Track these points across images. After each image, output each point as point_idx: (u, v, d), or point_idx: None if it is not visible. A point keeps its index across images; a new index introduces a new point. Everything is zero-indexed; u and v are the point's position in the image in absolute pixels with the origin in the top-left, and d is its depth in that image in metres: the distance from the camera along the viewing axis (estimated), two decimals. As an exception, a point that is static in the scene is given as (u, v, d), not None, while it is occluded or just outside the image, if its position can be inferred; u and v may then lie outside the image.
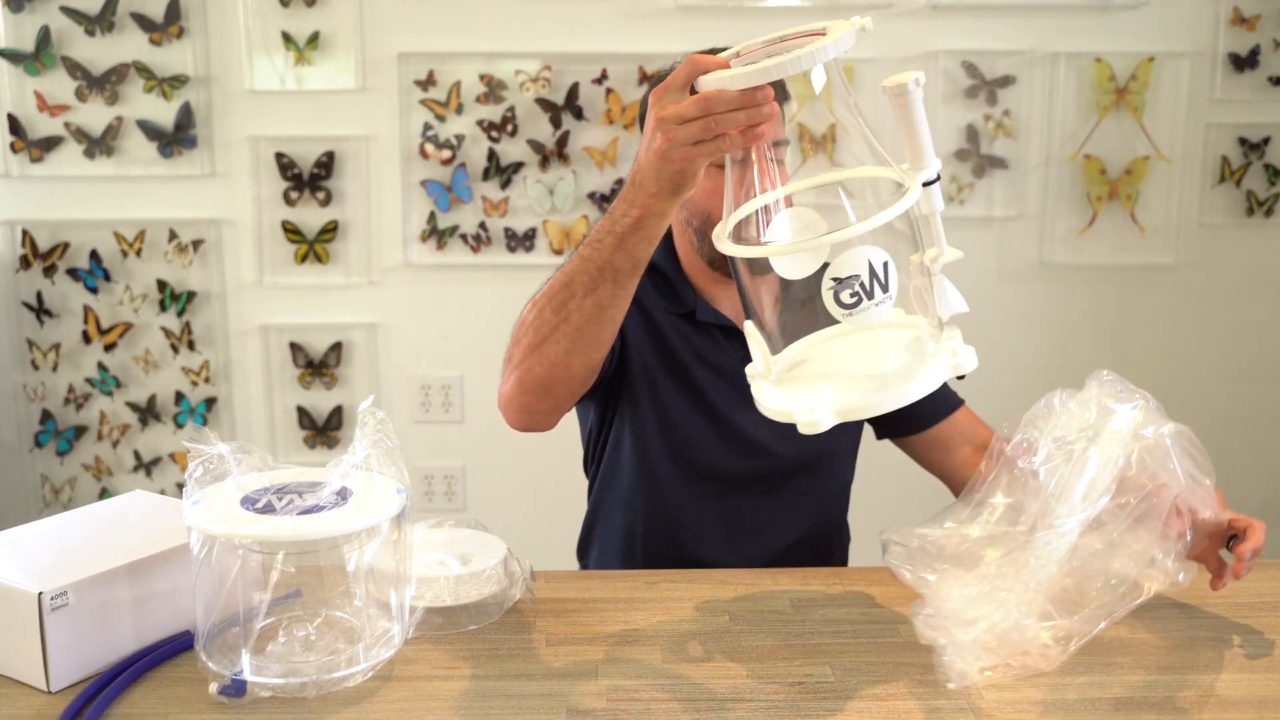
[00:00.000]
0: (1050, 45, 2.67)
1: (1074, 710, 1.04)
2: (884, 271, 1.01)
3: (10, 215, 2.67)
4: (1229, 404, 2.86)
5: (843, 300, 1.01)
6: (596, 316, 1.23)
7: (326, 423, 2.80)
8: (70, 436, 2.77)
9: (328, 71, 2.64)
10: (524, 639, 1.17)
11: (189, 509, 1.04)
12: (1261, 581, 1.31)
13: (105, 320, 2.73)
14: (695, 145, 1.05)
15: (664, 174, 1.09)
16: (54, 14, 2.59)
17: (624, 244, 1.17)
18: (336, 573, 1.11)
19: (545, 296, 1.26)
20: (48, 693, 1.05)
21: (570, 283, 1.22)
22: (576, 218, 2.70)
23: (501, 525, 1.34)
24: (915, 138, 1.03)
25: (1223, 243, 2.79)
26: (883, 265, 1.02)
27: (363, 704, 1.04)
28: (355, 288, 2.74)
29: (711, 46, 1.22)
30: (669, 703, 1.05)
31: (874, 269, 1.01)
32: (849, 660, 1.12)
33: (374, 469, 1.09)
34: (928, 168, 1.04)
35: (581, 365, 1.28)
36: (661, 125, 1.06)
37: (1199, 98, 2.71)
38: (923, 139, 1.03)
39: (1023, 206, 2.74)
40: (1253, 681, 1.09)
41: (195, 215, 2.69)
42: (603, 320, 1.23)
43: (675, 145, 1.06)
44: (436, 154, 2.66)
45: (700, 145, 1.05)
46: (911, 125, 1.03)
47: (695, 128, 1.04)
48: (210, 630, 1.07)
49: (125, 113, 2.64)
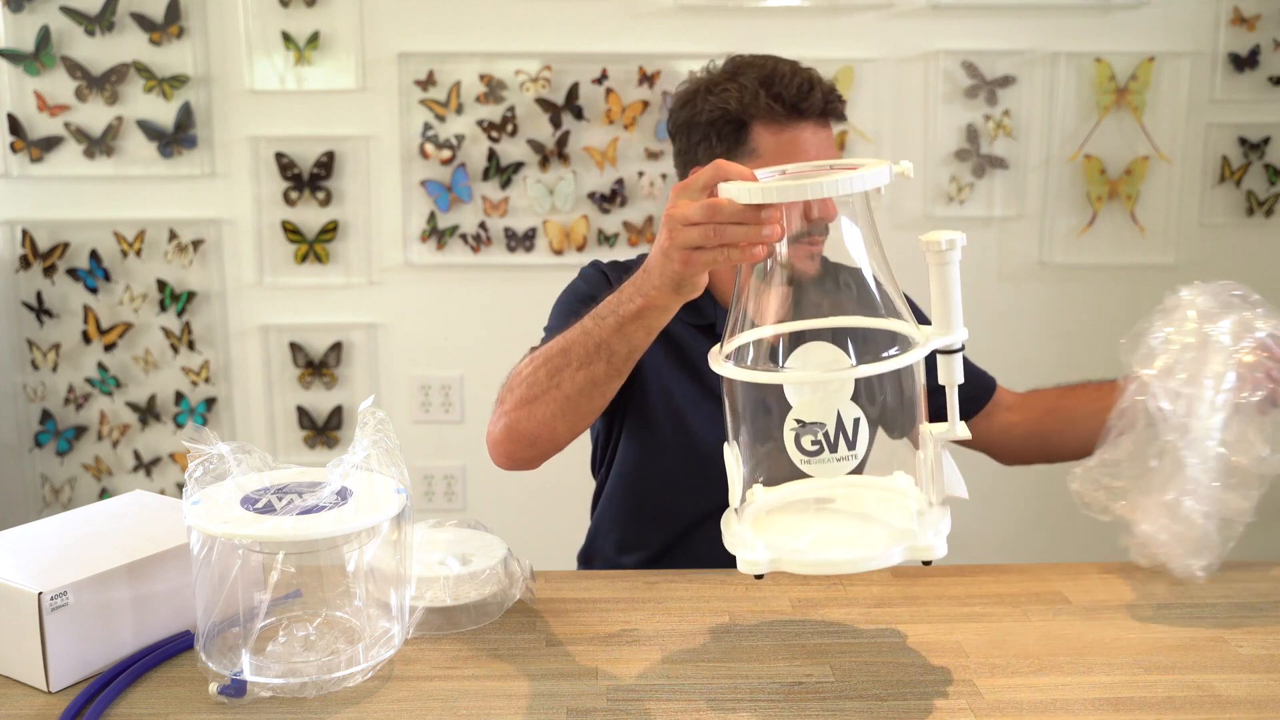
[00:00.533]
0: (1050, 45, 2.67)
1: (1073, 709, 1.04)
2: (853, 428, 0.98)
3: (10, 215, 2.67)
4: (1229, 404, 2.86)
5: (803, 445, 0.99)
6: (587, 390, 1.24)
7: (326, 423, 2.80)
8: (70, 436, 2.77)
9: (328, 71, 2.64)
10: (524, 639, 1.17)
11: (189, 509, 1.04)
12: (1261, 581, 1.31)
13: (105, 320, 2.73)
14: (695, 250, 1.04)
15: (665, 271, 1.09)
16: (54, 14, 2.59)
17: (624, 329, 1.17)
18: (336, 573, 1.11)
19: (543, 356, 1.27)
20: (48, 693, 1.05)
21: (568, 350, 1.23)
22: (576, 218, 2.71)
23: (501, 525, 1.34)
24: (945, 300, 1.00)
25: (1223, 243, 2.79)
26: (853, 421, 0.98)
27: (363, 704, 1.04)
28: (355, 288, 2.74)
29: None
30: (669, 703, 1.05)
31: (842, 422, 0.98)
32: (849, 660, 1.12)
33: (374, 469, 1.09)
34: (952, 334, 1.01)
35: (567, 431, 1.30)
36: (669, 222, 1.05)
37: (1199, 98, 2.71)
38: (952, 303, 1.00)
39: (1023, 206, 2.74)
40: (1252, 681, 1.09)
41: (195, 215, 2.69)
42: (592, 395, 1.24)
43: (676, 246, 1.05)
44: (436, 154, 2.66)
45: (700, 251, 1.04)
46: (943, 286, 1.00)
47: (697, 233, 1.03)
48: (210, 630, 1.07)
49: (125, 113, 2.64)
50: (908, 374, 1.02)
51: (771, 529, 1.08)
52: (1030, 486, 2.55)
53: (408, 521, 1.10)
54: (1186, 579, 1.29)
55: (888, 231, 2.92)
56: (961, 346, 1.02)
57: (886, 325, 1.02)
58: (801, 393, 1.00)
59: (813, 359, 1.01)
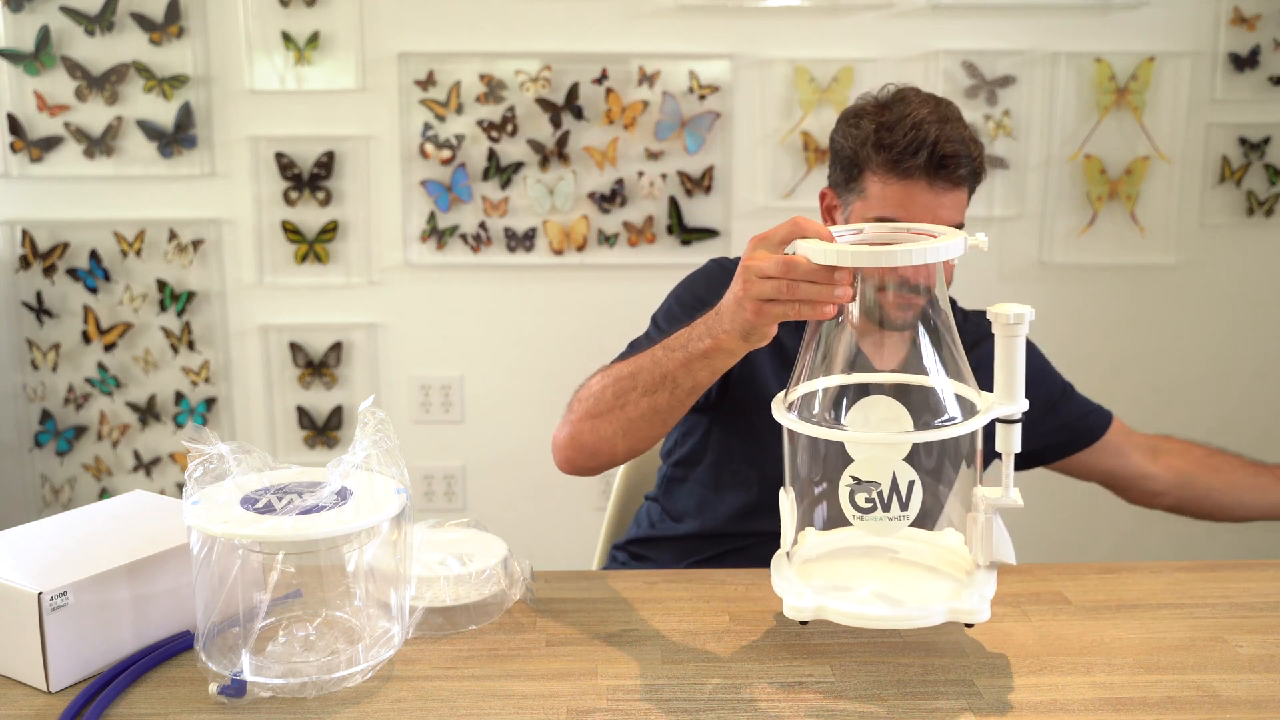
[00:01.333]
0: (1050, 45, 2.67)
1: (1072, 710, 1.04)
2: (907, 489, 1.02)
3: (10, 215, 2.67)
4: (1229, 404, 2.86)
5: (857, 502, 1.02)
6: (649, 416, 1.27)
7: (326, 423, 2.80)
8: (70, 436, 2.77)
9: (328, 71, 2.64)
10: (524, 639, 1.17)
11: (189, 509, 1.04)
12: (1261, 581, 1.31)
13: (105, 320, 2.73)
14: (768, 302, 1.07)
15: (737, 318, 1.11)
16: (54, 14, 2.59)
17: (690, 365, 1.21)
18: (336, 573, 1.11)
19: (613, 377, 1.30)
20: (48, 693, 1.05)
21: (636, 375, 1.27)
22: (576, 218, 2.71)
23: (501, 525, 1.34)
24: (1009, 370, 1.03)
25: (1223, 243, 2.79)
26: (908, 483, 1.02)
27: (363, 704, 1.04)
28: (355, 288, 2.74)
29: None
30: (669, 703, 1.05)
31: (897, 483, 1.02)
32: (849, 660, 1.12)
33: (374, 469, 1.09)
34: (1013, 404, 1.04)
35: (626, 450, 1.34)
36: (744, 273, 1.08)
37: (1199, 98, 2.71)
38: (1016, 374, 1.03)
39: (1023, 206, 2.74)
40: (1252, 681, 1.09)
41: (195, 215, 2.69)
42: (653, 421, 1.28)
43: (750, 296, 1.08)
44: (436, 154, 2.66)
45: (772, 304, 1.07)
46: (1008, 357, 1.03)
47: (770, 286, 1.05)
48: (210, 630, 1.07)
49: (125, 112, 2.64)
50: (966, 437, 1.06)
51: (819, 575, 1.12)
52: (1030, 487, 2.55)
53: (408, 521, 1.10)
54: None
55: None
56: (1021, 417, 1.05)
57: (951, 387, 1.06)
58: (859, 449, 1.03)
59: (874, 414, 1.04)
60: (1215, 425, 2.87)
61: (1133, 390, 2.81)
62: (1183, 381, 2.84)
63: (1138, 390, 2.81)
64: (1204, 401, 2.85)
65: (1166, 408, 2.84)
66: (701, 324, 1.19)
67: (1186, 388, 2.84)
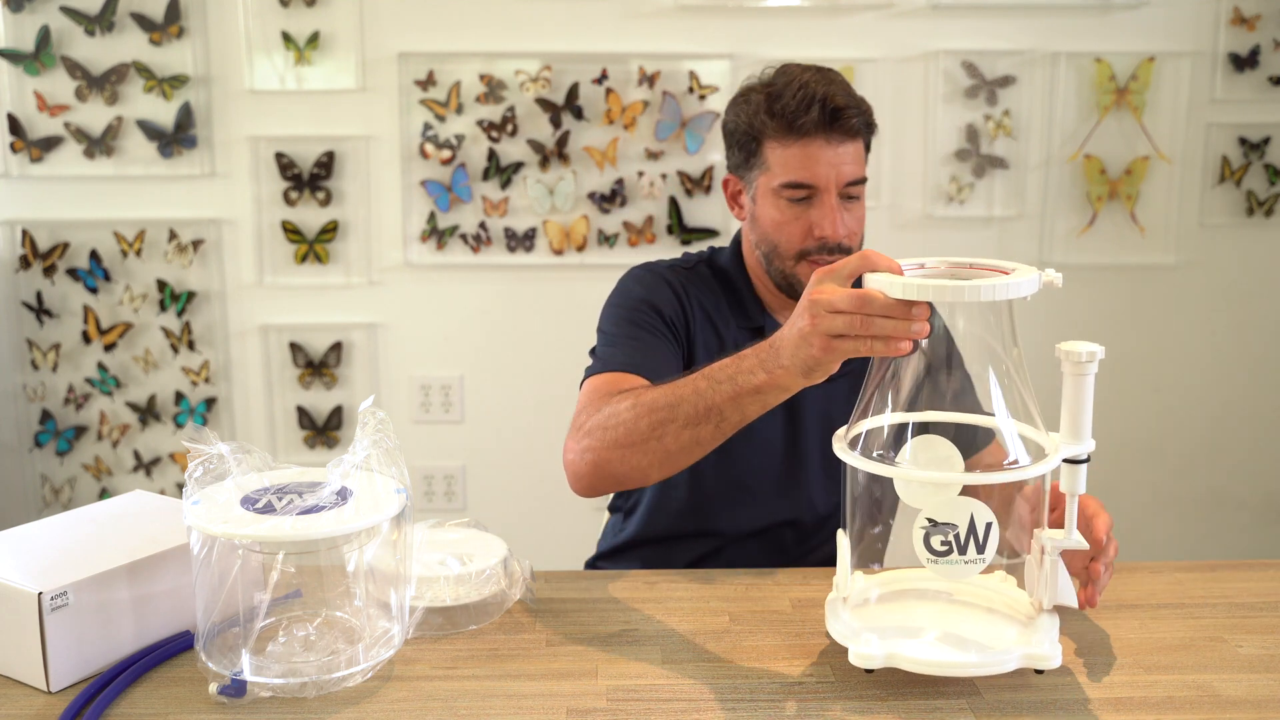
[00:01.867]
0: (1050, 45, 2.67)
1: (1072, 710, 1.04)
2: (984, 532, 0.99)
3: (10, 215, 2.67)
4: (1229, 404, 2.86)
5: (933, 545, 0.99)
6: (689, 448, 1.23)
7: (326, 423, 2.80)
8: (70, 436, 2.77)
9: (328, 71, 2.64)
10: (524, 639, 1.17)
11: (189, 509, 1.04)
12: (1261, 581, 1.31)
13: (105, 320, 2.73)
14: (838, 338, 1.03)
15: (800, 354, 1.07)
16: (54, 14, 2.59)
17: (739, 400, 1.16)
18: (336, 573, 1.11)
19: (647, 406, 1.24)
20: (48, 693, 1.05)
21: (676, 406, 1.21)
22: (576, 218, 2.70)
23: (501, 525, 1.34)
24: (1077, 409, 1.02)
25: (1223, 243, 2.79)
26: (985, 526, 0.99)
27: (363, 704, 1.04)
28: (355, 288, 2.74)
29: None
30: (669, 703, 1.05)
31: (975, 526, 0.99)
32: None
33: (374, 469, 1.09)
34: (1081, 444, 1.02)
35: (658, 477, 1.29)
36: (812, 307, 1.04)
37: (1199, 98, 2.71)
38: (1084, 414, 1.01)
39: (1023, 206, 2.74)
40: (1253, 681, 1.09)
41: (195, 215, 2.69)
42: (693, 452, 1.23)
43: (818, 331, 1.04)
44: (436, 154, 2.66)
45: (843, 340, 1.03)
46: (1077, 396, 1.01)
47: (842, 321, 1.02)
48: (210, 630, 1.07)
49: (125, 113, 2.64)
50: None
51: (878, 619, 1.10)
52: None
53: (408, 521, 1.10)
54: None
55: (888, 232, 2.93)
56: (1088, 458, 1.03)
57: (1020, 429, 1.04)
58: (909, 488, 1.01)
59: (926, 453, 1.02)
60: (1214, 425, 2.87)
61: (1133, 390, 2.81)
62: (1182, 381, 2.84)
63: (1138, 390, 2.82)
64: (1204, 401, 2.85)
65: (1166, 408, 2.84)
66: (752, 357, 1.14)
67: (1186, 388, 2.84)
